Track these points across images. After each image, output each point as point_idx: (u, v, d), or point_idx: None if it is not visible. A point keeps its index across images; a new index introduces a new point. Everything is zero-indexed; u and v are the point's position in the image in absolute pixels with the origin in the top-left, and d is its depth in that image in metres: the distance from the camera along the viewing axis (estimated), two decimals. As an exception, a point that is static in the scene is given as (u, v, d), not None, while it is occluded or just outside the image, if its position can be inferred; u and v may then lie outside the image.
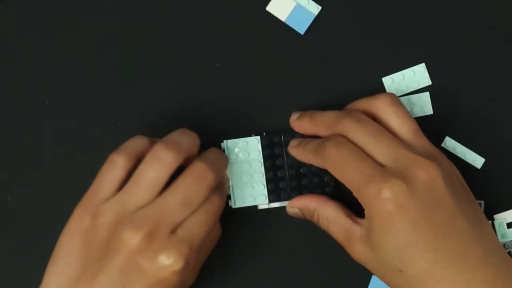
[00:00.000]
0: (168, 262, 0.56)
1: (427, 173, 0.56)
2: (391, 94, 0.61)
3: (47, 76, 0.66)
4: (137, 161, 0.59)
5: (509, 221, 0.65)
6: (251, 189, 0.64)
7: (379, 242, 0.57)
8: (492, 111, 0.66)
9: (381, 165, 0.57)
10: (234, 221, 0.65)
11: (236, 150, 0.64)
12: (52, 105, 0.66)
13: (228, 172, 0.64)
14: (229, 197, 0.64)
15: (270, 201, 0.64)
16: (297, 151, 0.63)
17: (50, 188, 0.65)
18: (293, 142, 0.63)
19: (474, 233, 0.56)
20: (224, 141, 0.64)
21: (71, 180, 0.65)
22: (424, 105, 0.65)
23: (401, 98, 0.65)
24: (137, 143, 0.60)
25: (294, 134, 0.64)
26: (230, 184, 0.64)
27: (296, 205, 0.63)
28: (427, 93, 0.65)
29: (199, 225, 0.58)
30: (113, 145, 0.63)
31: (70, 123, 0.65)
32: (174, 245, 0.56)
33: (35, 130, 0.65)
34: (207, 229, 0.58)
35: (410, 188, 0.56)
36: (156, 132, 0.64)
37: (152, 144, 0.59)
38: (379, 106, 0.60)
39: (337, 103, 0.65)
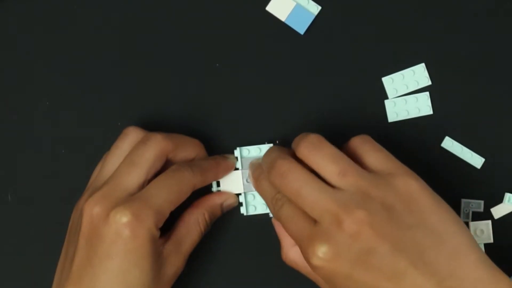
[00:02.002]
0: (117, 216, 0.56)
1: (350, 228, 0.54)
2: (313, 138, 0.58)
3: (47, 76, 0.66)
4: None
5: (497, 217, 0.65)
6: None
7: None
8: (492, 111, 0.66)
9: (314, 220, 0.56)
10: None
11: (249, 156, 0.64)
12: (52, 105, 0.66)
13: (241, 182, 0.64)
14: (241, 204, 0.64)
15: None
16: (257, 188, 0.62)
17: (50, 188, 0.65)
18: (253, 172, 0.62)
19: (420, 265, 0.53)
20: (238, 148, 0.64)
21: (71, 180, 0.65)
22: (423, 105, 0.65)
23: (401, 98, 0.65)
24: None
25: None
26: (242, 196, 0.64)
27: (275, 226, 0.63)
28: (427, 93, 0.65)
29: (156, 187, 0.58)
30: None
31: (70, 123, 0.66)
32: (124, 202, 0.57)
33: (35, 130, 0.65)
34: (167, 192, 0.58)
35: (335, 249, 0.54)
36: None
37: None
38: (302, 152, 0.58)
39: (337, 103, 0.65)
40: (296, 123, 0.65)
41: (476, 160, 0.65)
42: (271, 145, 0.64)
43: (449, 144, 0.65)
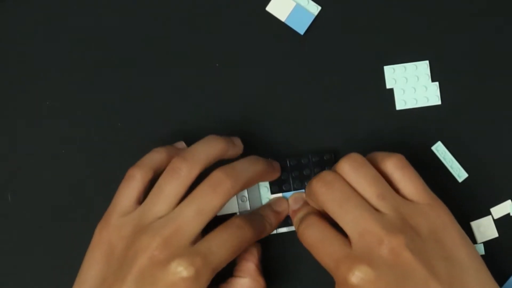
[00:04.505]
0: (179, 268, 0.56)
1: (391, 251, 0.56)
2: (357, 157, 0.59)
3: (47, 76, 0.66)
4: (156, 174, 0.60)
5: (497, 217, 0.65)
6: None
7: None
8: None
9: (349, 241, 0.57)
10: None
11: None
12: (52, 105, 0.66)
13: (235, 201, 0.64)
14: None
15: (279, 226, 0.64)
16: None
17: (50, 188, 0.65)
18: (293, 205, 0.65)
19: None
20: None
21: (71, 180, 0.65)
22: (431, 95, 0.65)
23: (398, 89, 0.66)
24: (154, 156, 0.60)
25: (299, 159, 0.64)
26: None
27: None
28: (437, 83, 0.65)
29: (218, 244, 0.58)
30: (113, 145, 0.63)
31: (70, 123, 0.65)
32: (187, 254, 0.56)
33: (36, 130, 0.65)
34: (227, 251, 0.58)
35: (375, 270, 0.55)
36: (156, 132, 0.65)
37: (170, 156, 0.60)
38: (343, 168, 0.59)
39: (337, 103, 0.65)
40: (296, 123, 0.66)
41: (460, 173, 0.65)
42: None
43: (440, 149, 0.65)
